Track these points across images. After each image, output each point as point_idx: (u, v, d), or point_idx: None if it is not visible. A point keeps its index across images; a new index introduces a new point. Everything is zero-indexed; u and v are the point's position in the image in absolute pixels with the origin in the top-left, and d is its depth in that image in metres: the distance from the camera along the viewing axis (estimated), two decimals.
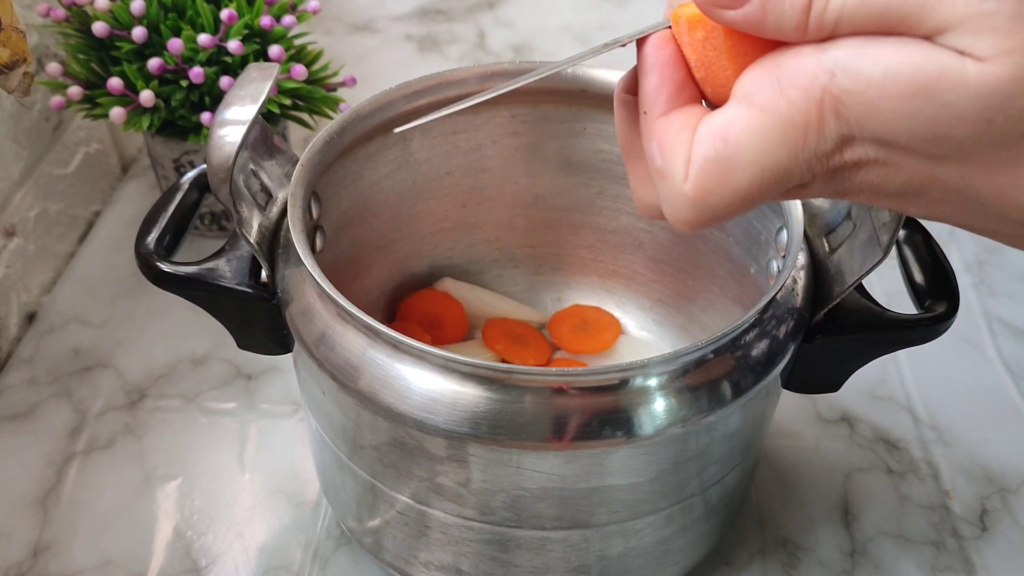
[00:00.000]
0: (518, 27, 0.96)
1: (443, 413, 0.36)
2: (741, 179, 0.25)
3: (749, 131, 0.25)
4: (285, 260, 0.42)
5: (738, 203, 0.26)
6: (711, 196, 0.26)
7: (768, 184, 0.25)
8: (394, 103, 0.48)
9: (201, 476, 0.55)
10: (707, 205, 0.26)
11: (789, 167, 0.25)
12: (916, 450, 0.57)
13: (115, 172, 0.77)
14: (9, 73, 0.52)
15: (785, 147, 0.24)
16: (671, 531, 0.43)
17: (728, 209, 0.26)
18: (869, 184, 0.25)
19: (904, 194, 0.25)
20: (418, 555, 0.44)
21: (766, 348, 0.39)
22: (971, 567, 0.51)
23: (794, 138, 0.24)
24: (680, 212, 0.27)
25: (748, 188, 0.25)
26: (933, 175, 0.24)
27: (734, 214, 0.26)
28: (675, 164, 0.26)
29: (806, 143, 0.24)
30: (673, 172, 0.26)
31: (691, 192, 0.26)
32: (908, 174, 0.24)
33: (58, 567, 0.51)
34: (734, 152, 0.25)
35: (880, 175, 0.25)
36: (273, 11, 0.64)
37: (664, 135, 0.27)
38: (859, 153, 0.24)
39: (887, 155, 0.24)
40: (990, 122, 0.22)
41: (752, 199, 0.26)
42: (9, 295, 0.63)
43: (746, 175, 0.25)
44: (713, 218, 0.26)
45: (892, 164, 0.24)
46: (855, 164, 0.25)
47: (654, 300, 0.58)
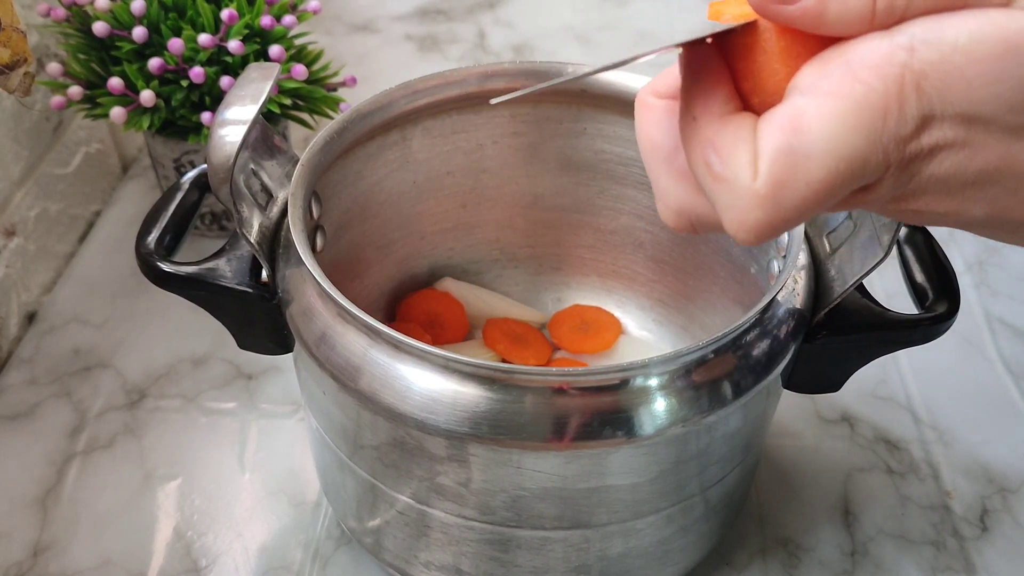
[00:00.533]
0: (518, 27, 0.96)
1: (443, 413, 0.36)
2: (817, 171, 0.23)
3: (823, 118, 0.23)
4: (285, 260, 0.42)
5: (812, 200, 0.24)
6: (785, 192, 0.24)
7: (844, 176, 0.23)
8: (394, 103, 0.48)
9: (201, 476, 0.55)
10: (781, 203, 0.24)
11: (866, 155, 0.23)
12: (916, 450, 0.57)
13: (115, 172, 0.77)
14: (10, 73, 0.52)
15: (863, 132, 0.23)
16: (671, 531, 0.43)
17: (801, 208, 0.24)
18: (942, 175, 0.24)
19: (976, 184, 0.24)
20: (418, 555, 0.44)
21: (767, 348, 0.39)
22: (971, 567, 0.51)
23: (872, 121, 0.23)
24: (749, 216, 0.25)
25: (824, 181, 0.23)
26: (1011, 154, 0.23)
27: (805, 215, 0.25)
28: (739, 165, 0.25)
29: (886, 126, 0.23)
30: (737, 173, 0.25)
31: (763, 189, 0.24)
32: (986, 156, 0.23)
33: (58, 567, 0.50)
34: (809, 141, 0.23)
35: (956, 161, 0.24)
36: (273, 11, 0.64)
37: (720, 138, 0.25)
38: (938, 136, 0.23)
39: (967, 134, 0.23)
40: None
41: (826, 195, 0.24)
42: (9, 295, 0.63)
43: (822, 166, 0.23)
44: (785, 220, 0.25)
45: (971, 145, 0.23)
46: (932, 150, 0.23)
47: (654, 300, 0.58)
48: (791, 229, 0.25)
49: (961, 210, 0.25)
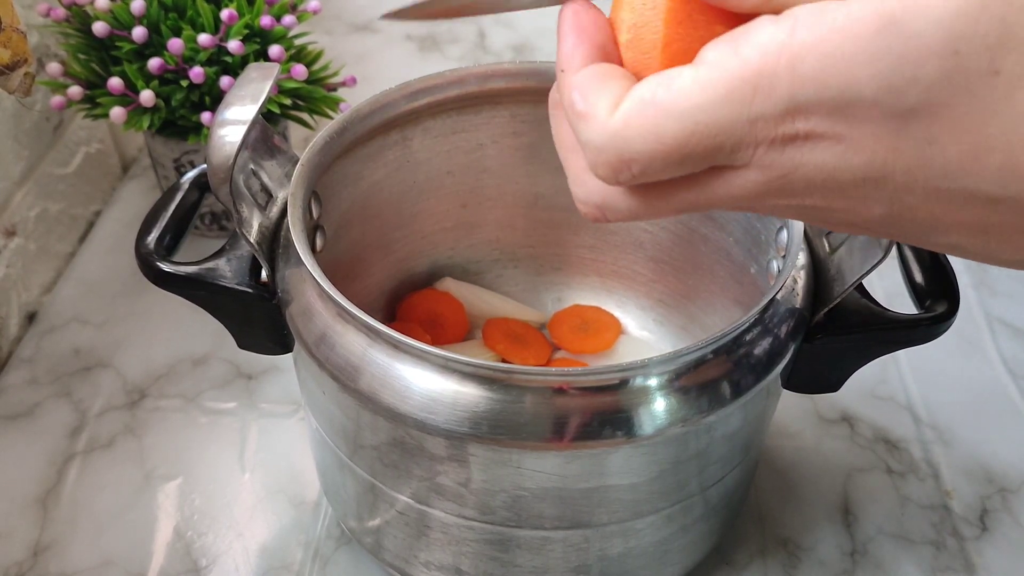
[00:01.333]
0: (518, 27, 0.96)
1: (443, 413, 0.36)
2: (671, 127, 0.24)
3: (695, 81, 0.23)
4: (285, 260, 0.42)
5: (661, 154, 0.24)
6: (634, 134, 0.24)
7: (698, 141, 0.23)
8: (394, 103, 0.48)
9: (201, 476, 0.55)
10: (629, 144, 0.24)
11: (726, 127, 0.23)
12: (916, 450, 0.57)
13: (115, 172, 0.77)
14: (10, 74, 0.52)
15: (728, 103, 0.23)
16: (671, 531, 0.43)
17: (650, 157, 0.24)
18: (825, 168, 0.23)
19: (867, 180, 0.23)
20: (418, 555, 0.44)
21: (766, 348, 0.39)
22: (971, 567, 0.51)
23: (741, 95, 0.23)
24: (601, 151, 0.25)
25: (676, 138, 0.24)
26: (896, 147, 0.22)
27: (650, 168, 0.24)
28: (599, 102, 0.25)
29: (753, 102, 0.23)
30: (597, 109, 0.25)
31: (616, 123, 0.24)
32: (871, 149, 0.23)
33: (58, 567, 0.51)
34: (672, 98, 0.23)
35: (836, 154, 0.23)
36: (273, 11, 0.64)
37: (583, 79, 0.26)
38: (814, 124, 0.23)
39: (847, 126, 0.23)
40: (957, 53, 0.21)
41: (678, 155, 0.24)
42: (9, 295, 0.63)
43: (678, 124, 0.23)
44: (630, 161, 0.25)
45: (852, 138, 0.23)
46: (806, 137, 0.23)
47: (654, 300, 0.58)
48: (646, 178, 0.25)
49: (858, 209, 0.24)
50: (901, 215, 0.24)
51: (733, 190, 0.25)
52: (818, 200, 0.24)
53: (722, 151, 0.24)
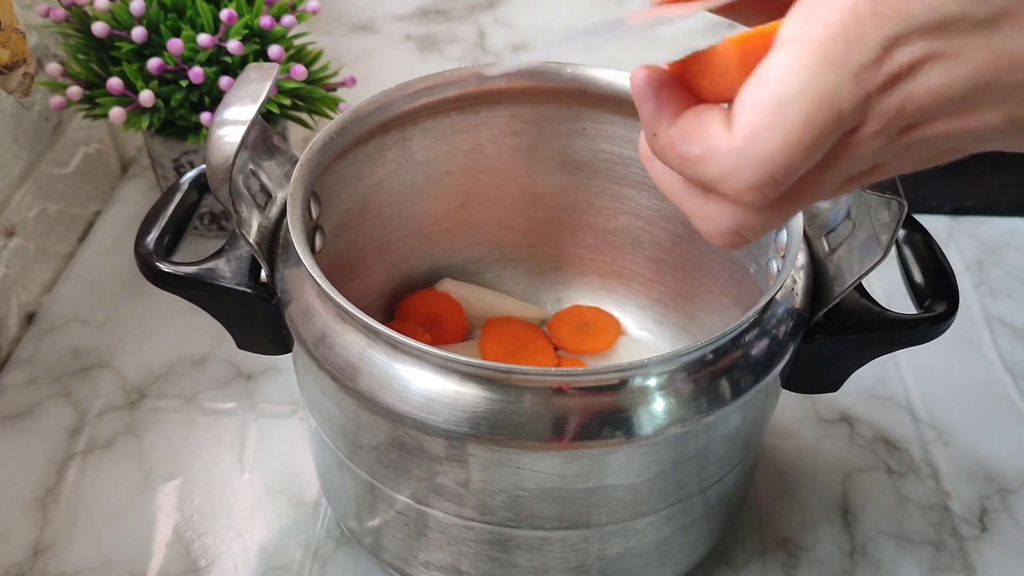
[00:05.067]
0: (518, 27, 0.96)
1: (443, 413, 0.36)
2: (793, 113, 0.23)
3: (790, 63, 0.23)
4: (285, 260, 0.42)
5: (796, 145, 0.24)
6: (763, 139, 0.24)
7: (823, 116, 0.23)
8: (394, 103, 0.48)
9: (201, 476, 0.55)
10: (762, 151, 0.24)
11: (839, 89, 0.23)
12: (916, 450, 0.57)
13: (115, 172, 0.77)
14: (9, 74, 0.52)
15: (830, 67, 0.23)
16: (671, 531, 0.43)
17: (786, 153, 0.24)
18: (937, 90, 0.23)
19: (978, 89, 0.23)
20: (418, 555, 0.44)
21: (766, 348, 0.39)
22: (971, 567, 0.51)
23: (836, 54, 0.23)
24: (738, 176, 0.25)
25: (803, 122, 0.23)
26: (994, 48, 0.23)
27: (795, 161, 0.24)
28: (711, 136, 0.25)
29: (849, 56, 0.23)
30: (712, 143, 0.25)
31: (740, 140, 0.24)
32: (973, 58, 0.23)
33: (58, 567, 0.51)
34: (779, 87, 0.23)
35: (943, 71, 0.23)
36: (273, 11, 0.64)
37: (685, 130, 0.26)
38: (911, 52, 0.23)
39: (942, 43, 0.23)
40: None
41: (811, 139, 0.24)
42: (9, 295, 0.63)
43: (797, 107, 0.23)
44: (775, 168, 0.24)
45: (951, 52, 0.23)
46: (911, 68, 0.23)
47: (654, 300, 0.58)
48: (790, 180, 0.24)
49: (978, 123, 0.24)
50: (1019, 114, 0.24)
51: (862, 152, 0.25)
52: (938, 127, 0.24)
53: (842, 117, 0.24)
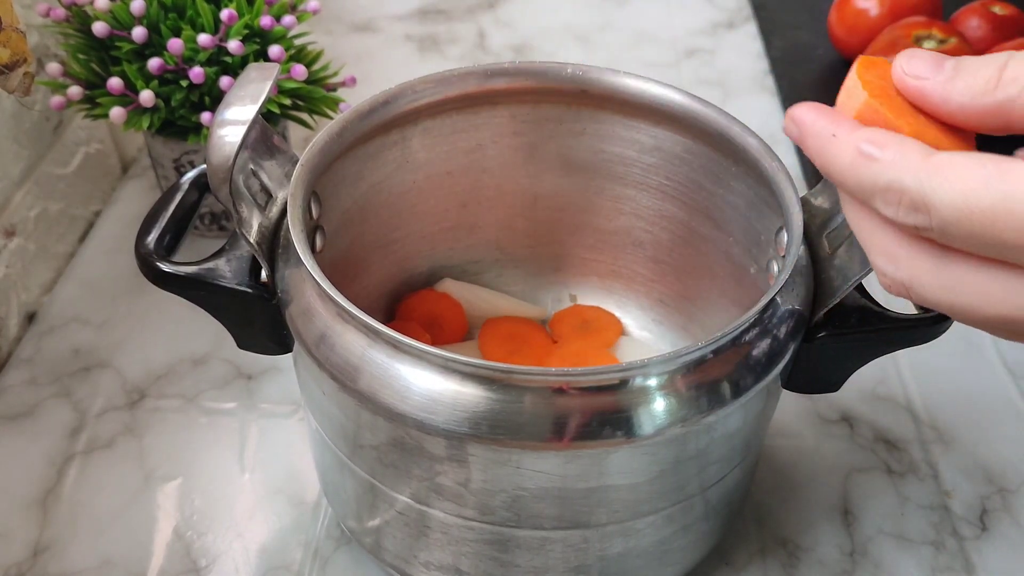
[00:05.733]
0: (518, 27, 0.96)
1: (443, 413, 0.36)
2: (984, 201, 0.24)
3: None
4: (285, 260, 0.42)
5: (965, 216, 0.24)
6: (946, 183, 0.24)
7: (1007, 232, 0.24)
8: (394, 103, 0.48)
9: (201, 476, 0.55)
10: (936, 188, 0.24)
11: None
12: (916, 450, 0.57)
13: (115, 172, 0.77)
14: (9, 73, 0.52)
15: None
16: (671, 531, 0.43)
17: (949, 211, 0.24)
18: None
19: None
20: (418, 555, 0.44)
21: (766, 348, 0.39)
22: (971, 567, 0.51)
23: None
24: (906, 190, 0.25)
25: (983, 214, 0.24)
26: None
27: (949, 225, 0.25)
28: (904, 147, 0.25)
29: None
30: (906, 152, 0.25)
31: (930, 165, 0.25)
32: None
33: (58, 567, 0.51)
34: (1004, 184, 0.24)
35: None
36: (273, 11, 0.64)
37: (877, 135, 0.26)
38: None
39: None
40: None
41: (977, 228, 0.24)
42: (9, 295, 0.63)
43: (989, 202, 0.24)
44: (931, 205, 0.25)
45: None
46: None
47: (654, 300, 0.58)
48: (935, 235, 0.25)
49: None
50: None
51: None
52: None
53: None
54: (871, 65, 0.29)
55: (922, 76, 0.27)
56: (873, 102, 0.28)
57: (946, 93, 0.26)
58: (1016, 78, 0.25)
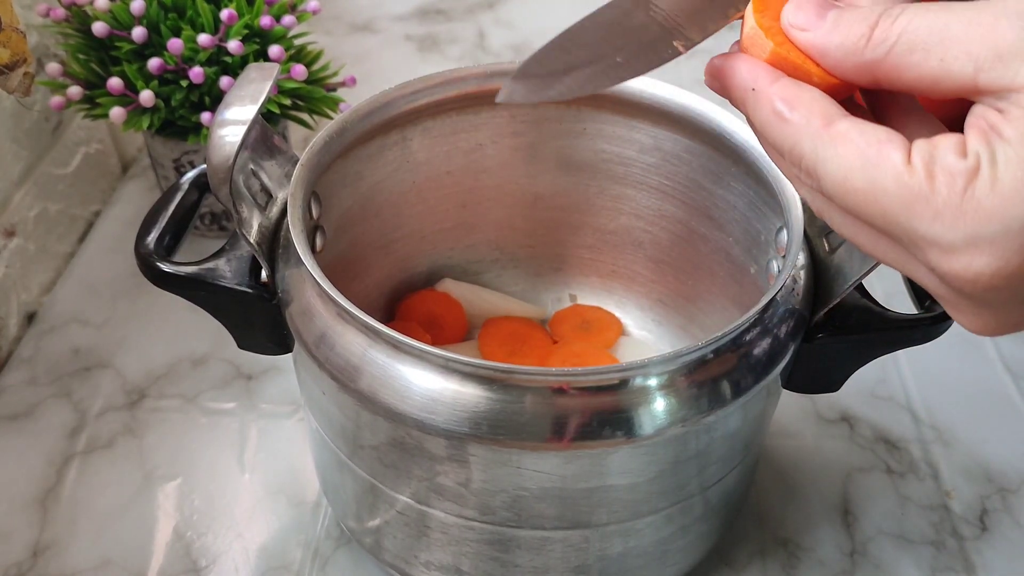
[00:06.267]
0: (518, 27, 0.96)
1: (443, 413, 0.36)
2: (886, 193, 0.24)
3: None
4: (285, 260, 0.42)
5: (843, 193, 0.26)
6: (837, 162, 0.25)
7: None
8: (394, 103, 0.48)
9: (201, 476, 0.55)
10: (823, 163, 0.26)
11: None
12: (916, 450, 0.57)
13: (115, 172, 0.77)
14: (9, 73, 0.52)
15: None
16: (671, 531, 0.43)
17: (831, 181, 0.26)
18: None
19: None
20: (418, 555, 0.44)
21: (766, 348, 0.39)
22: (971, 567, 0.51)
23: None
24: (803, 157, 0.26)
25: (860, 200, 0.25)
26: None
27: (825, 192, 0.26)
28: (811, 109, 0.26)
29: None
30: (809, 118, 0.26)
31: (828, 133, 0.25)
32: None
33: (58, 567, 0.50)
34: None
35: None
36: (273, 11, 0.64)
37: (789, 91, 0.27)
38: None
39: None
40: None
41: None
42: (9, 295, 0.63)
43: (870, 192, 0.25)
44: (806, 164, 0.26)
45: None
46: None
47: (654, 300, 0.58)
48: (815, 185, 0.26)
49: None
50: None
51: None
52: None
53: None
54: (765, 7, 0.29)
55: (805, 27, 0.27)
56: (780, 51, 0.28)
57: (824, 47, 0.27)
58: (885, 39, 0.25)
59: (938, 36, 0.24)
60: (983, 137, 0.23)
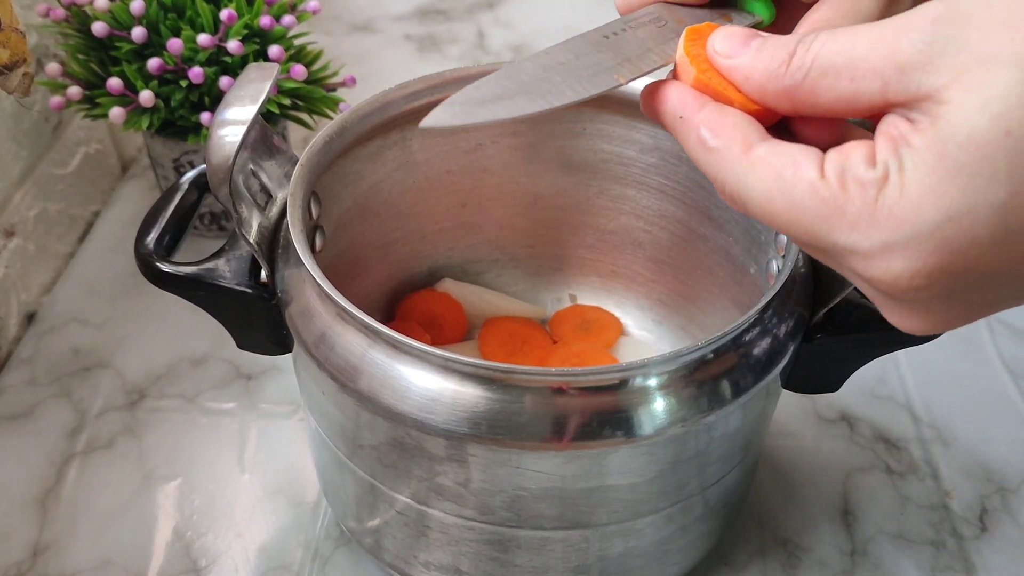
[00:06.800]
0: (518, 27, 0.96)
1: (443, 413, 0.36)
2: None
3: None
4: (285, 260, 0.42)
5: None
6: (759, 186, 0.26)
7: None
8: (394, 103, 0.48)
9: (201, 476, 0.55)
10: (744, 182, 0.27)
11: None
12: (916, 450, 0.57)
13: (115, 172, 0.77)
14: (9, 74, 0.52)
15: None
16: (671, 531, 0.43)
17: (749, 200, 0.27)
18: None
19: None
20: (418, 555, 0.44)
21: (766, 348, 0.39)
22: (971, 567, 0.51)
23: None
24: (725, 184, 0.27)
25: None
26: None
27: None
28: (734, 139, 0.27)
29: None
30: (731, 146, 0.27)
31: (749, 160, 0.26)
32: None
33: (58, 567, 0.51)
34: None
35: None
36: (273, 11, 0.64)
37: (713, 118, 0.27)
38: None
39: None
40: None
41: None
42: (9, 295, 0.63)
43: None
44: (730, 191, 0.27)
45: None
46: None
47: (654, 300, 0.58)
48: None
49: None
50: None
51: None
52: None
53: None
54: (698, 36, 0.30)
55: (729, 55, 0.28)
56: (702, 77, 0.29)
57: (748, 73, 0.27)
58: (800, 65, 0.26)
59: (846, 58, 0.25)
60: (891, 145, 0.24)
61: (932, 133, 0.23)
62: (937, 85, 0.23)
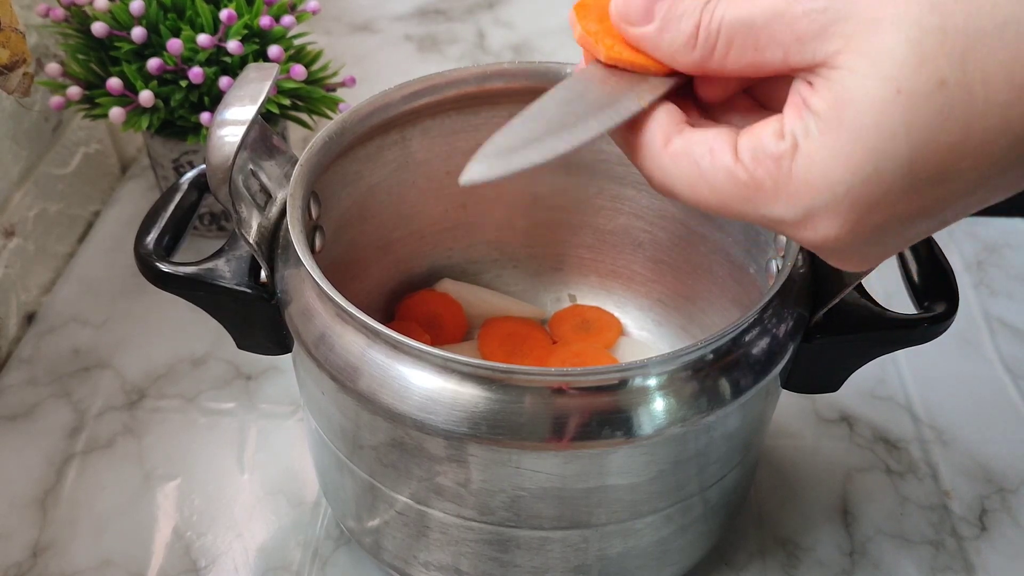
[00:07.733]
0: (518, 27, 0.96)
1: (442, 413, 0.36)
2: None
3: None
4: (284, 260, 0.42)
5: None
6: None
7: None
8: (394, 103, 0.48)
9: (201, 476, 0.55)
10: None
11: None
12: (916, 450, 0.57)
13: (115, 172, 0.77)
14: (9, 74, 0.52)
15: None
16: (670, 531, 0.43)
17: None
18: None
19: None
20: (417, 555, 0.44)
21: (766, 348, 0.39)
22: (971, 567, 0.51)
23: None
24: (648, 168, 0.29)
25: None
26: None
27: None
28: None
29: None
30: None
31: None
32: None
33: (58, 567, 0.51)
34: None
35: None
36: (272, 11, 0.64)
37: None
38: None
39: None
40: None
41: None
42: (9, 295, 0.63)
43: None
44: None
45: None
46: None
47: (654, 300, 0.58)
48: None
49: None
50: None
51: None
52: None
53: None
54: (586, 12, 0.29)
55: (634, 22, 0.28)
56: (611, 53, 0.29)
57: (656, 43, 0.28)
58: (707, 36, 0.26)
59: (747, 27, 0.26)
60: (797, 113, 0.25)
61: (831, 97, 0.24)
62: (830, 51, 0.24)
